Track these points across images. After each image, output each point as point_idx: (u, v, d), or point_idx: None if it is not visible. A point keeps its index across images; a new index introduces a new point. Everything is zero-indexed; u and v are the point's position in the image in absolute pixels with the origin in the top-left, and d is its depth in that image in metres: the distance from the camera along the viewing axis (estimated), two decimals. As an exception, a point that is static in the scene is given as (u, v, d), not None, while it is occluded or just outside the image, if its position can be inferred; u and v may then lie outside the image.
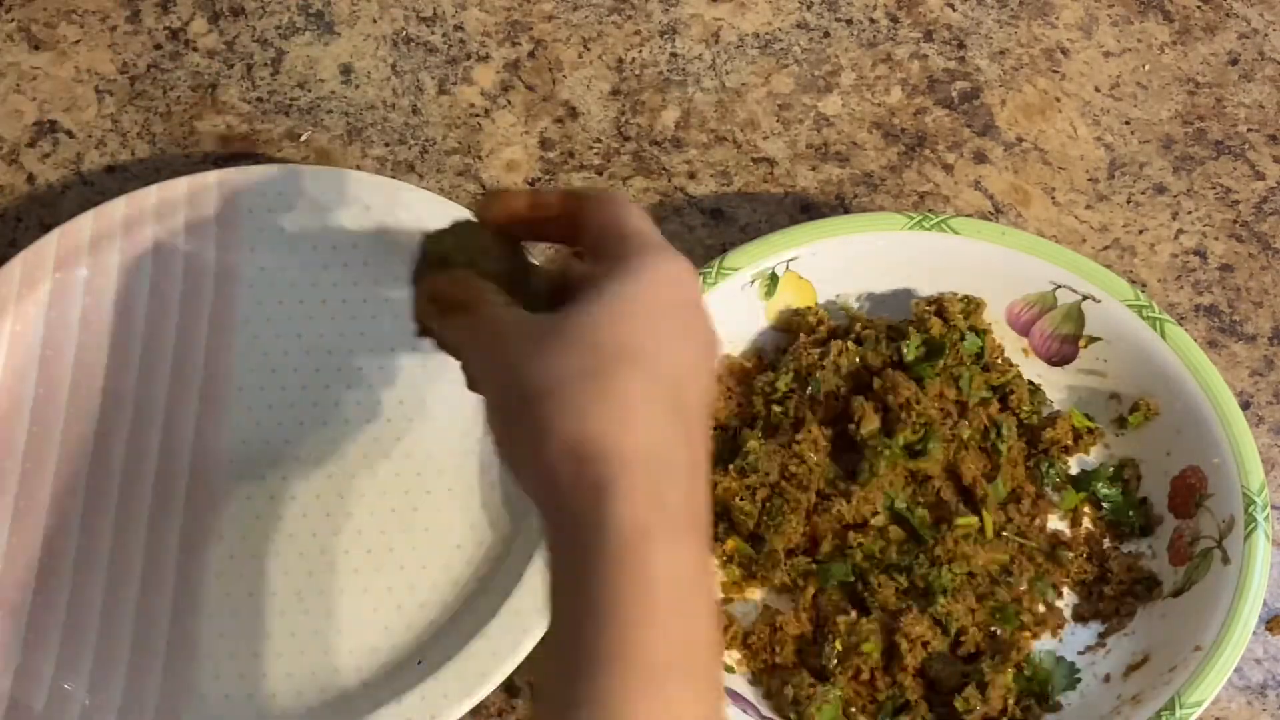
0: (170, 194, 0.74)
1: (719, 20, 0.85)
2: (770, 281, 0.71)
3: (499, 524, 0.68)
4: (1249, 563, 0.64)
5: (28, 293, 0.71)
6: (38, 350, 0.71)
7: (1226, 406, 0.68)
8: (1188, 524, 0.67)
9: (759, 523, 0.66)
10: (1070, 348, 0.72)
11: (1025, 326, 0.72)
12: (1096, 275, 0.71)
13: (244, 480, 0.69)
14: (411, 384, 0.71)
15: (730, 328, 0.70)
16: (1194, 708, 0.61)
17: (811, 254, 0.71)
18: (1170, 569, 0.67)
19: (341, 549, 0.68)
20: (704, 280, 0.69)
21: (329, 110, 0.81)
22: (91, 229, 0.73)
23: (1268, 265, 0.78)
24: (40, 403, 0.70)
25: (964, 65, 0.84)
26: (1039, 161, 0.80)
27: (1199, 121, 0.82)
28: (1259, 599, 0.63)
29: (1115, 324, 0.70)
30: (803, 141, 0.81)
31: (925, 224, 0.71)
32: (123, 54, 0.83)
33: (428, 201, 0.74)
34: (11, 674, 0.64)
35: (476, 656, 0.64)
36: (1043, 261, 0.71)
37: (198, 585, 0.67)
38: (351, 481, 0.69)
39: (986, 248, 0.71)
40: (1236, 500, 0.65)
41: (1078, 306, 0.71)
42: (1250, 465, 0.66)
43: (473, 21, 0.84)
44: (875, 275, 0.72)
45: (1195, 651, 0.62)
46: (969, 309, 0.70)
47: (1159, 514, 0.68)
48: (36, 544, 0.67)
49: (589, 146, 0.80)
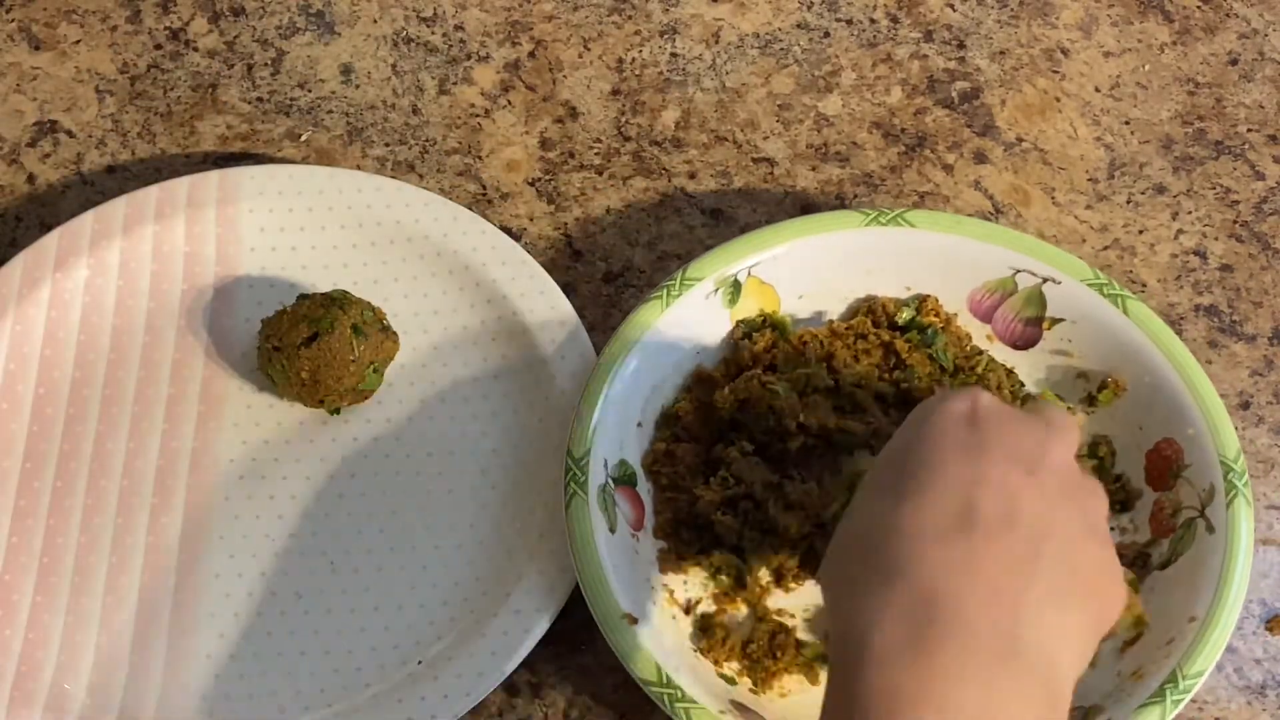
0: (170, 194, 0.74)
1: (719, 20, 0.85)
2: (733, 289, 0.71)
3: (499, 524, 0.68)
4: (1234, 529, 0.64)
5: (28, 293, 0.71)
6: (38, 350, 0.71)
7: (1195, 377, 0.68)
8: (1167, 496, 0.67)
9: (740, 534, 0.66)
10: (1034, 331, 0.72)
11: (988, 313, 0.72)
12: (1054, 257, 0.71)
13: (244, 480, 0.69)
14: (411, 384, 0.71)
15: (697, 339, 0.70)
16: (1196, 678, 0.61)
17: (773, 259, 0.71)
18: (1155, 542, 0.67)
19: (341, 549, 0.68)
20: (666, 292, 0.69)
21: (329, 110, 0.81)
22: (91, 229, 0.73)
23: (1268, 265, 0.78)
24: (40, 403, 0.70)
25: (964, 65, 0.84)
26: (1039, 161, 0.80)
27: (1199, 121, 0.82)
28: (1248, 564, 0.63)
29: (1077, 304, 0.70)
30: (803, 141, 0.81)
31: (882, 220, 0.71)
32: (123, 54, 0.83)
33: (428, 201, 0.75)
34: (12, 674, 0.64)
35: (476, 656, 0.64)
36: (1000, 248, 0.71)
37: (198, 585, 0.67)
38: (352, 481, 0.69)
39: (944, 238, 0.71)
40: (1215, 469, 0.66)
41: (1038, 289, 0.71)
42: (1225, 433, 0.66)
43: (473, 21, 0.84)
44: (838, 275, 0.72)
45: (1191, 622, 0.62)
46: (918, 306, 0.71)
47: (1137, 488, 0.68)
48: (37, 544, 0.67)
49: (589, 146, 0.80)
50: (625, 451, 0.68)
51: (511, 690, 0.66)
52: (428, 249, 0.74)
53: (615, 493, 0.66)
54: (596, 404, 0.67)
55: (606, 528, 0.64)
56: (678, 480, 0.68)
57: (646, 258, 0.77)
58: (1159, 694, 0.61)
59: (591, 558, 0.63)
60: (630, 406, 0.68)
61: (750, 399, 0.68)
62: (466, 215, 0.74)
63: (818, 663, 0.65)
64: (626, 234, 0.77)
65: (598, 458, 0.66)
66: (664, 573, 0.67)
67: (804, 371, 0.69)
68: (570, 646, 0.66)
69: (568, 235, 0.77)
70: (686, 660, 0.63)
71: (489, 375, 0.71)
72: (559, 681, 0.66)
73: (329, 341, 0.67)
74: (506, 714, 0.65)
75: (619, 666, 0.62)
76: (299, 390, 0.68)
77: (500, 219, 0.77)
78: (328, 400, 0.68)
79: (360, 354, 0.67)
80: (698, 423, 0.69)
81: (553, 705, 0.66)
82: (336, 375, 0.67)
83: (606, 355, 0.68)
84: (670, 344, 0.69)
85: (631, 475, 0.68)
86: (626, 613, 0.62)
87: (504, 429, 0.70)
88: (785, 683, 0.65)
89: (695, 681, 0.62)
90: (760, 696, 0.64)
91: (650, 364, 0.69)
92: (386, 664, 0.65)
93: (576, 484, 0.65)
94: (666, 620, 0.65)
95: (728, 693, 0.63)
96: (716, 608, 0.66)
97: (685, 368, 0.70)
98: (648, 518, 0.68)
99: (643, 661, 0.61)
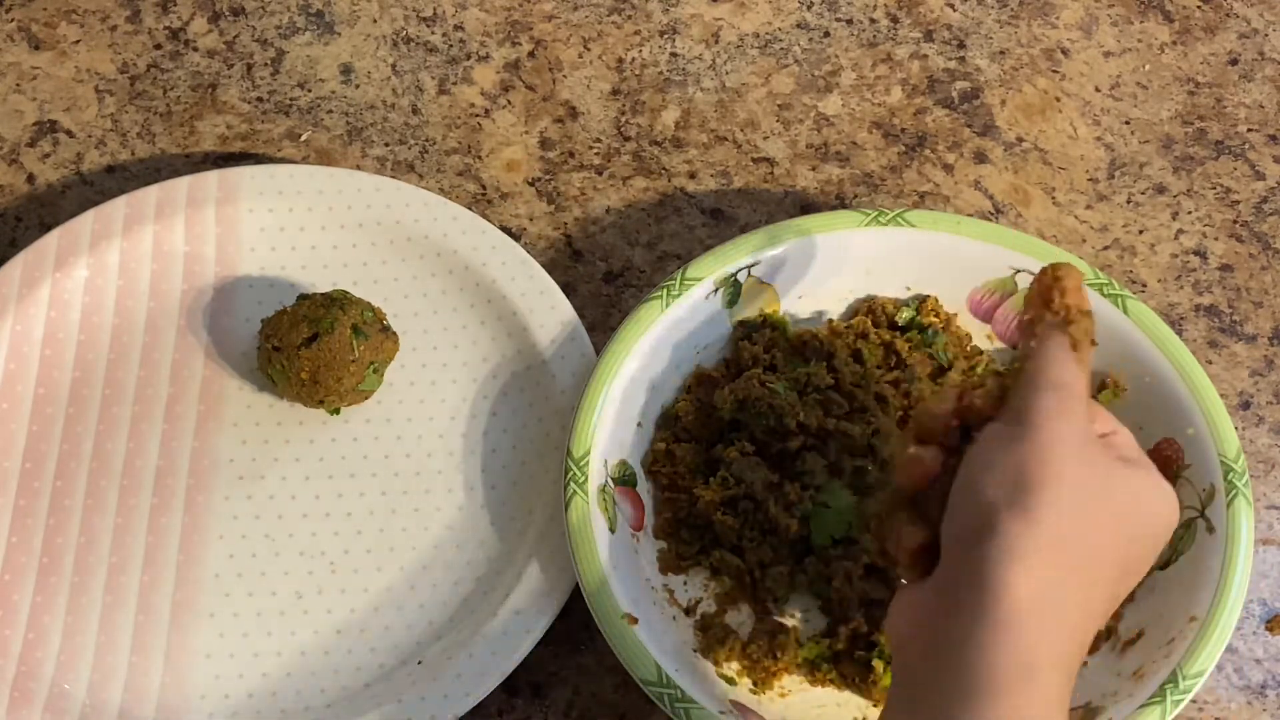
0: (170, 194, 0.74)
1: (719, 20, 0.85)
2: (733, 289, 0.71)
3: (499, 524, 0.68)
4: (1234, 529, 0.64)
5: (28, 293, 0.71)
6: (38, 350, 0.71)
7: (1195, 377, 0.68)
8: None
9: (740, 534, 0.66)
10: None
11: (988, 313, 0.72)
12: (1054, 257, 0.71)
13: (244, 480, 0.69)
14: (411, 384, 0.71)
15: (697, 339, 0.70)
16: (1196, 678, 0.61)
17: (773, 259, 0.71)
18: None
19: (341, 549, 0.68)
20: (666, 292, 0.69)
21: (329, 110, 0.81)
22: (91, 229, 0.73)
23: (1268, 265, 0.78)
24: (40, 403, 0.70)
25: (964, 65, 0.84)
26: (1039, 161, 0.80)
27: (1199, 121, 0.82)
28: (1248, 564, 0.63)
29: None
30: (803, 141, 0.81)
31: (882, 220, 0.71)
32: (123, 54, 0.83)
33: (428, 201, 0.75)
34: (12, 674, 0.64)
35: (476, 656, 0.64)
36: (1000, 248, 0.71)
37: (197, 585, 0.67)
38: (351, 481, 0.69)
39: (944, 238, 0.71)
40: (1215, 469, 0.66)
41: None
42: (1225, 433, 0.66)
43: (473, 21, 0.84)
44: (838, 275, 0.72)
45: (1191, 622, 0.62)
46: (918, 307, 0.71)
47: None
48: (36, 544, 0.67)
49: (589, 146, 0.80)
50: (625, 451, 0.68)
51: (511, 690, 0.66)
52: (428, 249, 0.74)
53: (615, 493, 0.66)
54: (596, 404, 0.67)
55: (606, 528, 0.64)
56: (678, 480, 0.68)
57: (646, 258, 0.77)
58: (1159, 694, 0.61)
59: (591, 558, 0.63)
60: (630, 406, 0.68)
61: (750, 399, 0.68)
62: (466, 215, 0.74)
63: (818, 663, 0.65)
64: (626, 234, 0.77)
65: (598, 458, 0.66)
66: (664, 573, 0.67)
67: (804, 371, 0.69)
68: (570, 646, 0.66)
69: (567, 235, 0.77)
70: (686, 660, 0.63)
71: (489, 375, 0.71)
72: (559, 681, 0.66)
73: (329, 342, 0.67)
74: (506, 714, 0.65)
75: (619, 666, 0.62)
76: (299, 390, 0.68)
77: (500, 219, 0.77)
78: (328, 400, 0.68)
79: (360, 354, 0.67)
80: (698, 423, 0.69)
81: (553, 705, 0.66)
82: (336, 375, 0.67)
83: (606, 355, 0.68)
84: (670, 344, 0.69)
85: (631, 475, 0.68)
86: (626, 613, 0.62)
87: (504, 429, 0.70)
88: (785, 683, 0.65)
89: (695, 681, 0.62)
90: (760, 696, 0.64)
91: (650, 364, 0.69)
92: (386, 664, 0.65)
93: (576, 484, 0.65)
94: (666, 620, 0.65)
95: (728, 693, 0.63)
96: (716, 608, 0.66)
97: (685, 368, 0.70)
98: (648, 518, 0.68)
99: (643, 661, 0.61)
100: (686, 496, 0.68)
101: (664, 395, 0.70)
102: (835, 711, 0.64)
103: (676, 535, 0.67)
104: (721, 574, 0.67)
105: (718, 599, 0.67)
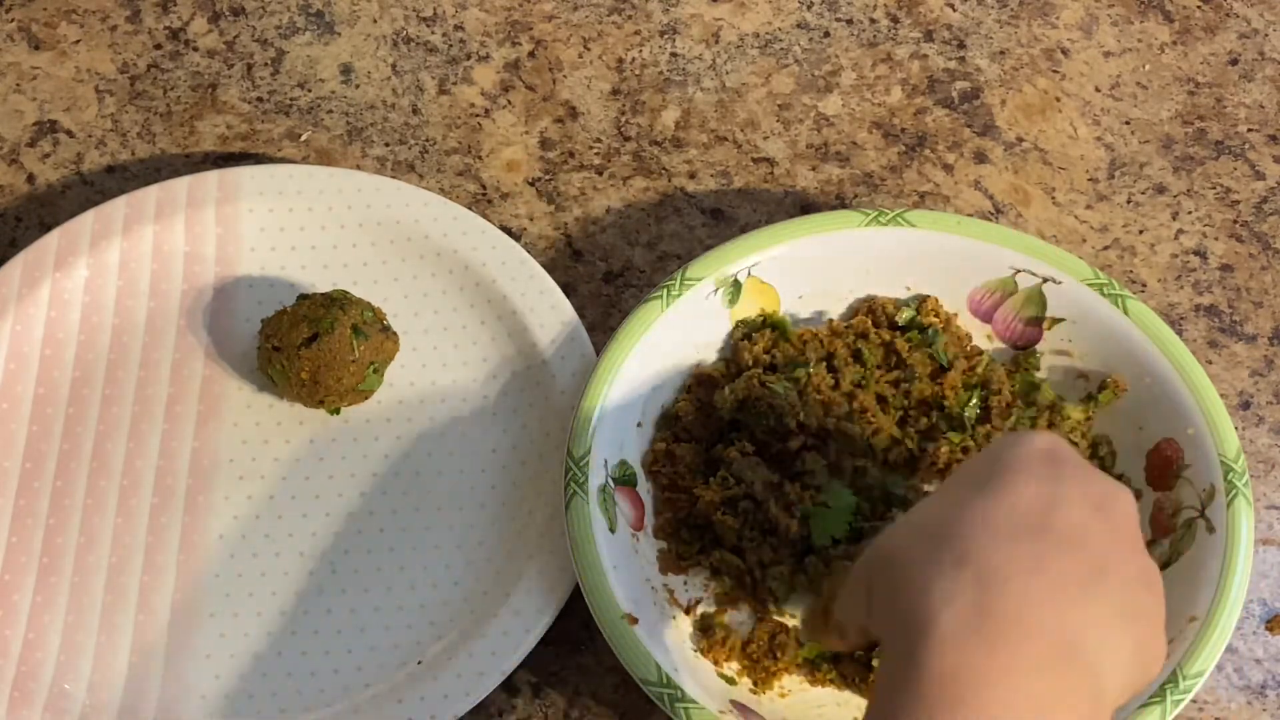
0: (170, 194, 0.74)
1: (719, 20, 0.85)
2: (733, 289, 0.71)
3: (499, 524, 0.68)
4: (1234, 529, 0.64)
5: (28, 293, 0.71)
6: (38, 350, 0.71)
7: (1195, 377, 0.68)
8: (1167, 496, 0.67)
9: (740, 534, 0.66)
10: (1034, 330, 0.72)
11: (988, 313, 0.72)
12: (1054, 257, 0.71)
13: (244, 480, 0.69)
14: (411, 384, 0.71)
15: (697, 339, 0.70)
16: (1196, 678, 0.61)
17: (772, 259, 0.71)
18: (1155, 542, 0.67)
19: (341, 549, 0.68)
20: (666, 292, 0.69)
21: (329, 110, 0.81)
22: (91, 229, 0.73)
23: (1268, 265, 0.78)
24: (40, 403, 0.70)
25: (964, 65, 0.84)
26: (1039, 161, 0.80)
27: (1199, 121, 0.82)
28: (1248, 564, 0.63)
29: (1077, 304, 0.70)
30: (803, 141, 0.81)
31: (882, 220, 0.71)
32: (123, 54, 0.83)
33: (428, 201, 0.75)
34: (12, 674, 0.64)
35: (476, 656, 0.64)
36: (1000, 247, 0.71)
37: (197, 585, 0.67)
38: (351, 481, 0.69)
39: (944, 238, 0.71)
40: (1215, 469, 0.66)
41: (1038, 289, 0.71)
42: (1225, 433, 0.66)
43: (473, 21, 0.84)
44: (838, 275, 0.72)
45: (1191, 623, 0.62)
46: (918, 307, 0.71)
47: (1137, 489, 0.68)
48: (36, 544, 0.67)
49: (589, 146, 0.80)
50: (625, 451, 0.68)
51: (511, 690, 0.66)
52: (428, 249, 0.74)
53: (615, 493, 0.66)
54: (596, 404, 0.67)
55: (606, 528, 0.64)
56: (678, 480, 0.68)
57: (646, 258, 0.77)
58: (1159, 694, 0.61)
59: (591, 558, 0.63)
60: (630, 406, 0.68)
61: (750, 399, 0.68)
62: (466, 215, 0.74)
63: (818, 663, 0.65)
64: (626, 234, 0.77)
65: (598, 458, 0.66)
66: (664, 573, 0.67)
67: (804, 371, 0.69)
68: (570, 646, 0.66)
69: (567, 235, 0.77)
70: (686, 660, 0.63)
71: (489, 375, 0.71)
72: (559, 681, 0.66)
73: (329, 342, 0.67)
74: (506, 714, 0.65)
75: (619, 666, 0.62)
76: (299, 390, 0.68)
77: (500, 219, 0.77)
78: (328, 400, 0.68)
79: (360, 354, 0.67)
80: (698, 423, 0.69)
81: (553, 705, 0.66)
82: (336, 375, 0.67)
83: (606, 355, 0.68)
84: (670, 344, 0.69)
85: (631, 475, 0.68)
86: (626, 613, 0.62)
87: (504, 429, 0.70)
88: (785, 683, 0.65)
89: (695, 681, 0.62)
90: (760, 696, 0.64)
91: (650, 364, 0.69)
92: (386, 664, 0.65)
93: (576, 484, 0.65)
94: (666, 620, 0.65)
95: (728, 693, 0.63)
96: (717, 608, 0.66)
97: (685, 368, 0.70)
98: (648, 518, 0.68)
99: (643, 661, 0.61)
100: (686, 496, 0.68)
101: (664, 395, 0.70)
102: (835, 711, 0.64)
103: (676, 535, 0.67)
104: (721, 574, 0.67)
105: (718, 599, 0.67)
